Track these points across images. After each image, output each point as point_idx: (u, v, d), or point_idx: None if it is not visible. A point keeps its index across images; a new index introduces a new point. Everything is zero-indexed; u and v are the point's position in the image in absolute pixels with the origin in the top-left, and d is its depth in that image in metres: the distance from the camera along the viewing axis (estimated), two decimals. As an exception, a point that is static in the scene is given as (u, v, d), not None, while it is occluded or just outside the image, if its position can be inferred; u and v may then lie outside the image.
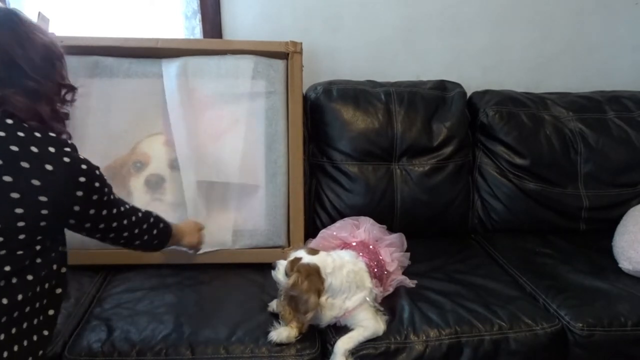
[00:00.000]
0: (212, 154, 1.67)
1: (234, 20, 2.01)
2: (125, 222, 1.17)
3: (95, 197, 1.06)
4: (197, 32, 2.00)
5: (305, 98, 1.88)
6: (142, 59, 1.69)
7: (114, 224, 1.14)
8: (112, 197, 1.13)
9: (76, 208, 1.03)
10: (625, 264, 1.63)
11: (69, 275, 1.12)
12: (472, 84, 2.07)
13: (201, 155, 1.66)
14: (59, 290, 1.08)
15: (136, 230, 1.21)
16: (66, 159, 1.00)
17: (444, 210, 1.91)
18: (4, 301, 0.95)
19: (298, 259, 1.32)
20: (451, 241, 1.89)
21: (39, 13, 1.67)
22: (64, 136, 1.07)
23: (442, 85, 2.01)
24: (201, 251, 1.60)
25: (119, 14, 1.96)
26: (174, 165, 1.65)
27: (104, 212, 1.10)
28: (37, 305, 1.02)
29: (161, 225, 1.29)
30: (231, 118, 1.69)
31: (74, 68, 1.66)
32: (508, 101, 1.99)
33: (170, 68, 1.68)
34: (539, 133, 1.94)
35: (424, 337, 1.33)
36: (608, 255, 1.72)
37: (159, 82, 1.67)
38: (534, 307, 1.46)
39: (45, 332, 1.06)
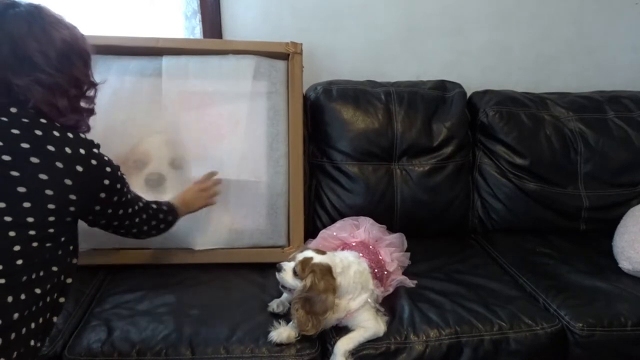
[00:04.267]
0: (214, 153, 1.66)
1: (234, 20, 2.01)
2: (137, 220, 1.24)
3: (115, 198, 1.14)
4: (197, 32, 2.00)
5: (305, 98, 1.88)
6: (143, 57, 1.69)
7: (127, 222, 1.22)
8: (129, 196, 1.19)
9: (97, 208, 1.12)
10: (625, 264, 1.63)
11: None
12: (472, 84, 2.07)
13: (202, 154, 1.66)
14: (69, 280, 1.13)
15: (145, 227, 1.28)
16: (94, 162, 1.07)
17: (444, 210, 1.90)
18: (37, 291, 1.01)
19: (309, 259, 1.31)
20: (451, 241, 1.89)
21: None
22: (84, 128, 1.13)
23: (442, 85, 2.01)
24: (202, 248, 1.62)
25: (119, 13, 1.96)
26: (174, 164, 1.64)
27: (121, 211, 1.17)
28: (55, 295, 1.07)
29: (169, 218, 1.36)
30: (232, 117, 1.69)
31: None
32: (508, 101, 1.99)
33: (171, 65, 1.67)
34: (539, 133, 1.95)
35: (424, 337, 1.33)
36: (608, 255, 1.72)
37: (159, 81, 1.67)
38: (534, 307, 1.46)
39: (54, 319, 1.11)
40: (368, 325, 1.32)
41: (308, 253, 1.34)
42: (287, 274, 1.32)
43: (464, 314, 1.40)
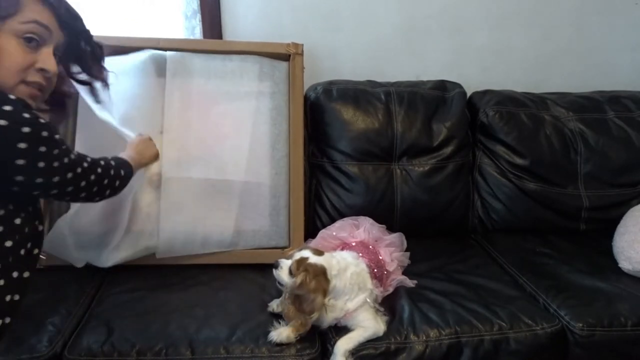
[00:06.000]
0: (217, 153, 1.66)
1: (234, 20, 2.01)
2: (82, 183, 1.06)
3: (42, 164, 0.93)
4: (197, 32, 2.01)
5: (305, 98, 1.88)
6: (146, 56, 1.68)
7: (70, 188, 1.03)
8: (65, 160, 0.99)
9: (19, 178, 0.92)
10: (625, 264, 1.63)
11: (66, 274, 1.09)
12: (472, 84, 2.07)
13: (205, 154, 1.65)
14: (36, 251, 1.02)
15: (95, 188, 1.11)
16: (1, 122, 0.87)
17: (444, 210, 1.91)
18: None
19: (305, 259, 1.31)
20: (451, 241, 1.89)
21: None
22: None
23: (442, 85, 2.01)
24: (206, 251, 1.61)
25: (119, 13, 1.96)
26: (173, 164, 1.63)
27: (56, 178, 0.97)
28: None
29: (122, 172, 1.22)
30: (236, 117, 1.68)
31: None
32: (508, 101, 1.99)
33: (175, 64, 1.67)
34: (539, 133, 1.95)
35: (424, 337, 1.33)
36: (608, 255, 1.72)
37: (163, 80, 1.66)
38: (534, 307, 1.46)
39: (16, 297, 0.99)
40: (367, 325, 1.32)
41: (305, 252, 1.34)
42: (283, 272, 1.33)
43: (464, 314, 1.40)
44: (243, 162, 1.67)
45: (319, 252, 1.35)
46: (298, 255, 1.33)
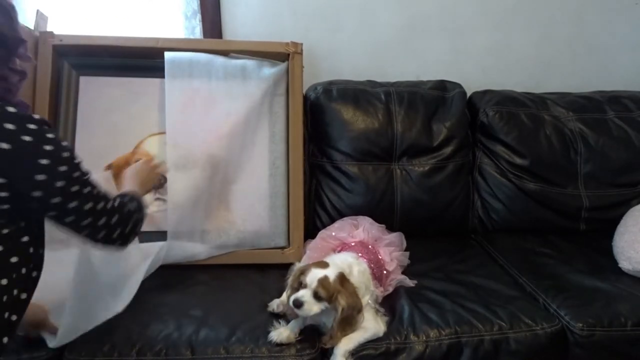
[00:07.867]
0: (215, 153, 1.66)
1: (234, 20, 2.01)
2: (102, 221, 1.03)
3: (60, 184, 0.94)
4: (197, 32, 2.01)
5: (305, 98, 1.88)
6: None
7: (87, 220, 1.00)
8: (86, 189, 0.99)
9: (37, 194, 0.93)
10: (625, 264, 1.63)
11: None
12: (472, 84, 2.07)
13: (205, 156, 1.65)
14: (35, 274, 1.02)
15: (118, 231, 1.07)
16: (27, 138, 0.90)
17: (444, 210, 1.91)
18: None
19: (325, 278, 1.25)
20: (451, 241, 1.89)
21: (37, 11, 1.67)
22: (14, 98, 0.98)
23: (442, 85, 2.01)
24: (206, 256, 1.61)
25: (118, 13, 1.96)
26: (176, 165, 1.64)
27: (73, 204, 0.97)
28: (15, 292, 0.97)
29: (142, 214, 1.16)
30: (234, 118, 1.68)
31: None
32: (508, 101, 1.99)
33: (174, 65, 1.67)
34: (539, 133, 1.95)
35: (424, 337, 1.33)
36: (608, 255, 1.72)
37: (161, 81, 1.67)
38: (534, 307, 1.46)
39: (14, 317, 0.99)
40: (368, 325, 1.31)
41: (317, 273, 1.27)
42: (309, 304, 1.23)
43: (464, 314, 1.40)
44: (240, 164, 1.67)
45: (322, 264, 1.31)
46: (314, 279, 1.25)
